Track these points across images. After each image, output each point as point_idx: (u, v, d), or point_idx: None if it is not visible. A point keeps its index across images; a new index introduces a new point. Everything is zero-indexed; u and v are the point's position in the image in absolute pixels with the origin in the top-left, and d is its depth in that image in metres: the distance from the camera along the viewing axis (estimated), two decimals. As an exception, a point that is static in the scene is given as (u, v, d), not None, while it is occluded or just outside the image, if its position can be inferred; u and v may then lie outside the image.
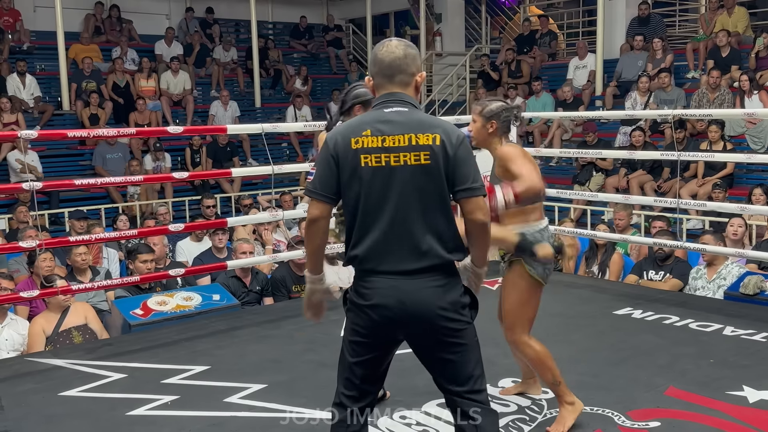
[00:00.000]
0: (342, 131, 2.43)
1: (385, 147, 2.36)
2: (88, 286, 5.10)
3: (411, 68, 2.45)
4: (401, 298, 2.36)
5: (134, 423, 3.47)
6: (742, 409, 3.42)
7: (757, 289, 5.18)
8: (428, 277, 2.39)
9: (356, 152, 2.37)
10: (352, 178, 2.38)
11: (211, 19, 14.35)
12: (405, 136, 2.36)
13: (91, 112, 11.21)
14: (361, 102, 3.43)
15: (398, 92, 2.44)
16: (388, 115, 2.40)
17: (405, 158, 2.36)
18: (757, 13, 11.73)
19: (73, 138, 9.51)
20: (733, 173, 8.61)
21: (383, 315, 2.38)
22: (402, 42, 2.48)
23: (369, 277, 2.41)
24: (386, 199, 2.37)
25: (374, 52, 2.50)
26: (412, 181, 2.36)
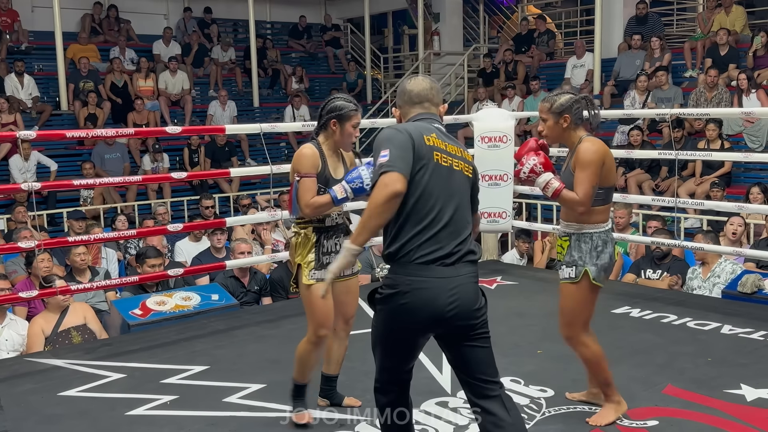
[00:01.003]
0: (411, 128, 2.54)
1: (447, 151, 2.56)
2: (86, 287, 5.10)
3: (436, 98, 2.68)
4: (451, 291, 2.46)
5: (133, 423, 3.48)
6: (740, 408, 3.43)
7: (755, 287, 5.19)
8: (470, 271, 2.55)
9: (430, 148, 2.51)
10: (422, 170, 2.48)
11: (209, 18, 14.34)
12: (458, 148, 2.62)
13: (89, 112, 11.21)
14: (337, 116, 3.27)
15: (433, 113, 2.66)
16: (438, 128, 2.61)
17: (459, 166, 2.58)
18: (755, 12, 11.75)
19: (71, 138, 9.52)
20: (730, 172, 8.62)
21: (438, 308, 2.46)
22: (428, 78, 2.73)
23: (419, 270, 2.46)
24: (448, 197, 2.52)
25: (402, 85, 2.71)
26: (463, 186, 2.59)
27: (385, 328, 2.56)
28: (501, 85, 12.08)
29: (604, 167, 3.13)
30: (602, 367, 3.29)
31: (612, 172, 3.19)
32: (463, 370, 2.60)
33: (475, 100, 11.87)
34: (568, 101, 3.20)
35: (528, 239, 7.14)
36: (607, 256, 3.22)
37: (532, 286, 5.88)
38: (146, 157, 10.86)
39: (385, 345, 2.60)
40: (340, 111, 3.27)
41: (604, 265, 3.22)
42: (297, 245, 3.31)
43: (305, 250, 3.29)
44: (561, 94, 3.25)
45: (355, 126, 3.30)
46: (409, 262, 2.47)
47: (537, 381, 3.76)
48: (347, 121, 3.28)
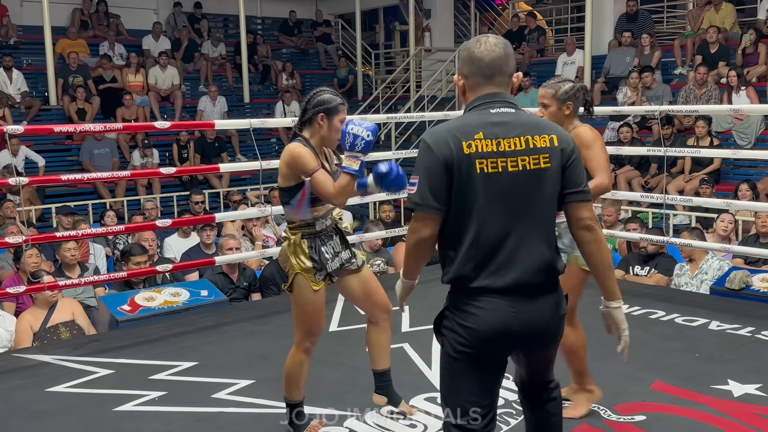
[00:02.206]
0: (447, 134, 2.18)
1: (501, 151, 2.15)
2: (74, 282, 5.07)
3: (510, 68, 2.26)
4: (522, 318, 2.18)
5: (121, 418, 3.46)
6: (727, 403, 3.45)
7: (743, 283, 5.21)
8: (547, 292, 2.24)
9: (470, 157, 2.14)
10: (464, 187, 2.15)
11: (199, 14, 14.28)
12: (522, 138, 2.17)
13: (78, 107, 11.15)
14: (325, 110, 3.09)
15: (501, 92, 2.25)
16: (496, 116, 2.20)
17: (524, 162, 2.16)
18: (744, 10, 11.79)
19: (59, 133, 9.47)
20: (719, 169, 8.66)
21: (498, 335, 2.18)
22: (500, 39, 2.29)
23: (482, 296, 2.18)
24: (505, 210, 2.16)
25: (469, 50, 2.27)
26: (530, 188, 2.18)
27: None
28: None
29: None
30: (579, 356, 3.30)
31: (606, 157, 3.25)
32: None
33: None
34: (572, 89, 3.24)
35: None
36: None
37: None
38: (135, 153, 10.82)
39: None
40: (328, 104, 3.10)
41: None
42: (289, 253, 3.13)
43: (303, 256, 3.11)
44: (564, 81, 3.28)
45: (342, 121, 3.09)
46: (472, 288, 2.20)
47: (525, 377, 3.76)
48: (335, 115, 3.10)
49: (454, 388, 2.27)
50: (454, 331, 2.23)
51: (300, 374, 3.21)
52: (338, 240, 3.22)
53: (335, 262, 3.17)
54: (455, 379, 2.26)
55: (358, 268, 3.27)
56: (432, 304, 5.39)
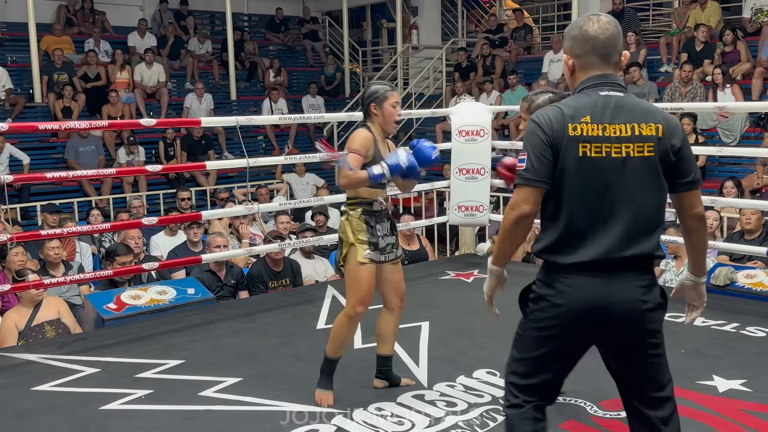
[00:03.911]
0: (556, 114, 2.21)
1: (606, 136, 2.16)
2: (60, 281, 5.04)
3: (622, 47, 2.28)
4: (609, 296, 2.20)
5: (108, 417, 3.45)
6: (712, 399, 3.48)
7: (728, 280, 5.25)
8: (637, 276, 2.24)
9: (574, 140, 2.16)
10: (566, 169, 2.18)
11: (185, 10, 14.22)
12: (628, 125, 2.17)
13: (63, 104, 11.08)
14: (374, 99, 3.44)
15: (611, 74, 2.25)
16: (605, 100, 2.20)
17: (627, 150, 2.17)
18: (730, 8, 11.87)
19: (44, 130, 9.43)
20: (705, 166, 8.72)
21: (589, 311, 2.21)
22: (611, 18, 2.29)
23: (573, 272, 2.21)
24: (605, 195, 2.18)
25: (582, 29, 2.27)
26: (634, 176, 2.18)
27: None
28: (479, 79, 12.12)
29: None
30: None
31: None
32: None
33: (453, 94, 11.90)
34: (545, 102, 3.14)
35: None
36: None
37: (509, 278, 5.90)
38: (121, 150, 10.76)
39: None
40: (377, 94, 3.44)
41: None
42: (348, 225, 3.43)
43: (358, 231, 3.40)
44: (539, 94, 3.22)
45: (395, 105, 3.44)
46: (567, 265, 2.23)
47: (512, 373, 3.77)
48: (385, 101, 3.43)
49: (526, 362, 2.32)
50: (542, 308, 2.27)
51: (342, 335, 3.47)
52: (389, 225, 3.52)
53: (385, 241, 3.46)
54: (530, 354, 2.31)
55: (396, 257, 3.56)
56: (420, 301, 5.44)
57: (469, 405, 3.45)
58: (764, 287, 5.12)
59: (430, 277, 5.90)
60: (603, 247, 2.19)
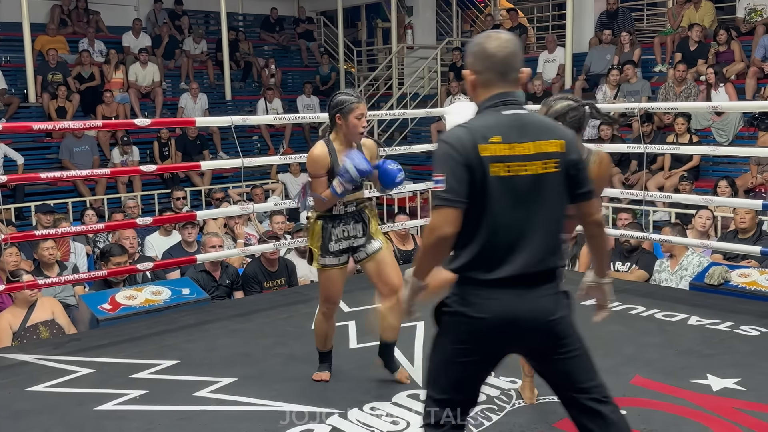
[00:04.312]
0: (466, 135, 2.24)
1: (515, 155, 2.22)
2: (54, 281, 5.03)
3: (520, 65, 2.33)
4: (523, 309, 2.26)
5: (103, 418, 3.45)
6: (706, 397, 3.49)
7: (722, 279, 5.27)
8: (547, 287, 2.30)
9: (486, 160, 2.20)
10: (479, 188, 2.21)
11: (180, 10, 14.19)
12: (533, 143, 2.24)
13: (58, 104, 11.05)
14: (339, 110, 3.51)
15: (512, 92, 2.30)
16: (510, 119, 2.26)
17: (535, 167, 2.23)
18: (724, 8, 11.90)
19: (38, 130, 9.40)
20: (699, 165, 8.74)
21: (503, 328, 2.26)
22: (511, 35, 2.34)
23: (489, 288, 2.25)
24: (518, 213, 2.23)
25: (482, 46, 2.30)
26: (543, 192, 2.25)
27: None
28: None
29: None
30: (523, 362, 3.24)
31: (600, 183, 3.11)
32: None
33: (449, 93, 11.90)
34: (563, 109, 3.07)
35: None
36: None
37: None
38: (115, 150, 10.74)
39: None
40: (342, 105, 3.51)
41: None
42: (309, 232, 3.69)
43: (313, 238, 3.63)
44: (559, 100, 3.14)
45: (359, 117, 3.51)
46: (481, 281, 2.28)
47: (507, 373, 3.76)
48: (350, 113, 3.50)
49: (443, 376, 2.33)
50: (458, 322, 2.29)
51: (321, 330, 3.77)
52: (359, 227, 3.64)
53: (340, 244, 3.60)
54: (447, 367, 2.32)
55: (367, 256, 3.66)
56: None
57: (464, 404, 3.46)
58: (758, 286, 5.14)
59: (425, 277, 5.90)
60: (519, 264, 2.25)
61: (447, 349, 2.32)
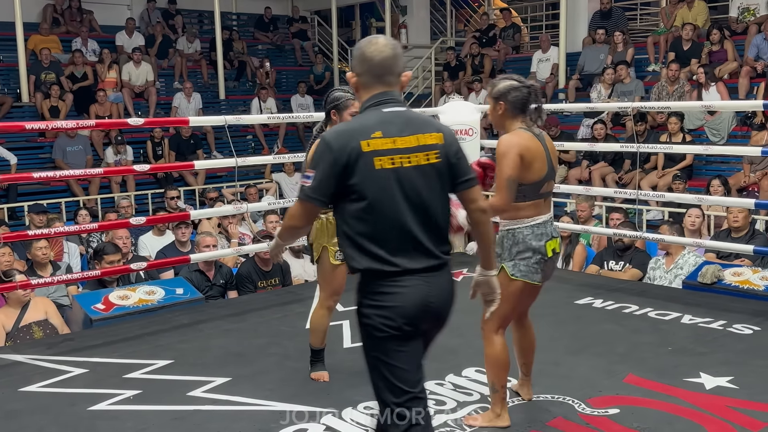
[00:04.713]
0: (347, 133, 2.35)
1: (397, 148, 2.33)
2: (47, 281, 5.02)
3: (399, 68, 2.44)
4: (423, 294, 2.35)
5: (96, 418, 3.44)
6: (699, 396, 3.50)
7: (715, 278, 5.28)
8: (444, 273, 2.42)
9: (369, 155, 2.30)
10: (366, 182, 2.31)
11: (173, 9, 14.16)
12: (413, 136, 2.36)
13: (51, 104, 11.02)
14: (335, 106, 3.56)
15: (391, 91, 2.42)
16: (389, 116, 2.38)
17: (416, 159, 2.35)
18: (717, 7, 11.94)
19: (31, 130, 9.37)
20: (692, 165, 8.77)
21: (408, 312, 2.34)
22: (390, 41, 2.45)
23: (390, 278, 2.34)
24: (403, 202, 2.33)
25: (361, 50, 2.43)
26: (427, 182, 2.36)
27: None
28: (468, 78, 12.14)
29: (523, 163, 3.02)
30: (495, 373, 3.18)
31: (531, 168, 3.04)
32: None
33: (443, 93, 11.91)
34: (505, 88, 3.10)
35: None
36: (530, 252, 3.09)
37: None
38: (109, 150, 10.72)
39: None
40: (338, 101, 3.55)
41: (527, 260, 3.10)
42: (319, 229, 3.63)
43: (328, 234, 3.59)
44: (502, 80, 3.15)
45: (353, 114, 3.48)
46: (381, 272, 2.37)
47: (501, 371, 3.79)
48: (344, 110, 3.54)
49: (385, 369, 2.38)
50: (378, 315, 2.35)
51: (320, 326, 3.75)
52: None
53: None
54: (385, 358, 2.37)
55: None
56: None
57: (458, 403, 3.47)
58: (751, 285, 5.16)
59: (419, 276, 5.91)
60: (419, 253, 2.36)
61: (380, 349, 2.37)
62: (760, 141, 8.07)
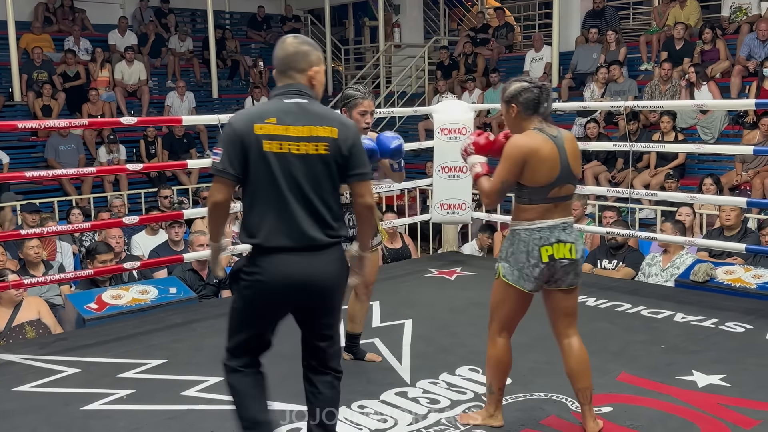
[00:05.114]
0: (245, 116, 2.62)
1: (288, 135, 2.56)
2: (40, 281, 5.00)
3: (301, 64, 2.64)
4: (294, 272, 2.59)
5: (89, 417, 3.43)
6: (692, 393, 3.51)
7: (707, 276, 5.30)
8: (324, 255, 2.63)
9: (259, 138, 2.55)
10: (256, 163, 2.56)
11: (166, 8, 14.14)
12: (306, 127, 2.57)
13: (43, 103, 10.99)
14: (345, 104, 3.69)
15: (296, 84, 2.64)
16: (289, 106, 2.60)
17: (306, 148, 2.57)
18: (709, 7, 11.97)
19: (24, 129, 9.34)
20: (684, 163, 8.80)
21: (280, 287, 2.60)
22: (297, 39, 2.69)
23: (266, 254, 2.60)
24: (284, 185, 2.56)
25: (276, 47, 2.71)
26: (309, 169, 2.58)
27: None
28: (461, 77, 12.15)
29: (528, 166, 2.96)
30: (493, 374, 3.17)
31: (538, 172, 2.96)
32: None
33: (436, 92, 11.92)
34: (515, 90, 3.06)
35: (491, 234, 7.19)
36: (523, 255, 3.00)
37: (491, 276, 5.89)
38: (102, 149, 10.69)
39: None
40: (348, 99, 3.68)
41: (520, 265, 3.02)
42: None
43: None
44: (513, 82, 3.12)
45: (362, 113, 3.65)
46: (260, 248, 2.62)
47: (495, 370, 3.79)
48: (354, 108, 3.65)
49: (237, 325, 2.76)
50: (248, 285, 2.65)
51: (352, 310, 3.92)
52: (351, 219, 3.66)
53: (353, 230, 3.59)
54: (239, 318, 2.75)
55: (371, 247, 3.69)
56: (403, 299, 5.46)
57: (452, 402, 3.47)
58: (743, 283, 5.18)
59: (412, 275, 5.91)
60: (294, 233, 2.58)
61: (238, 307, 2.73)
62: (752, 140, 8.10)
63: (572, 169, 3.04)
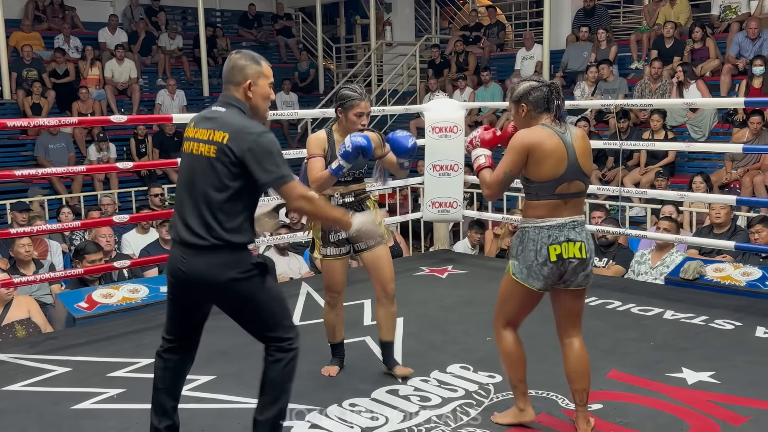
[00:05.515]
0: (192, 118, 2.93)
1: (195, 137, 2.80)
2: (30, 279, 4.98)
3: (236, 78, 2.84)
4: (181, 266, 2.78)
5: (79, 416, 3.42)
6: (681, 390, 3.53)
7: (697, 274, 5.32)
8: (210, 253, 2.75)
9: (184, 138, 2.87)
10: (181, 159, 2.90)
11: (156, 6, 14.08)
12: (208, 130, 2.77)
13: (33, 101, 10.93)
14: (340, 105, 3.63)
15: (228, 95, 2.85)
16: (210, 112, 2.84)
17: (201, 149, 2.76)
18: (699, 5, 12.02)
19: (13, 127, 9.30)
20: (674, 162, 8.84)
21: (175, 278, 2.84)
22: (238, 55, 2.89)
23: (173, 246, 2.85)
24: (185, 182, 2.80)
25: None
26: (202, 170, 2.75)
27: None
28: (452, 75, 12.16)
29: (531, 159, 2.94)
30: (509, 367, 3.17)
31: (543, 166, 2.93)
32: None
33: (427, 90, 11.92)
34: (524, 89, 3.06)
35: (480, 230, 7.21)
36: (532, 253, 2.98)
37: (482, 274, 5.95)
38: (92, 147, 10.64)
39: None
40: (344, 100, 3.60)
41: (529, 263, 3.00)
42: (310, 222, 3.79)
43: (316, 227, 3.75)
44: (522, 82, 3.12)
45: (358, 115, 3.58)
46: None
47: (486, 367, 3.81)
48: (350, 110, 3.59)
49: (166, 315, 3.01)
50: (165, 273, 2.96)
51: (329, 321, 3.87)
52: None
53: (340, 234, 3.64)
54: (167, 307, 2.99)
55: (367, 247, 3.71)
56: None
57: (442, 399, 3.48)
58: (732, 281, 5.21)
59: (404, 273, 5.91)
60: (184, 228, 2.77)
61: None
62: (741, 138, 8.14)
63: (581, 166, 3.00)
